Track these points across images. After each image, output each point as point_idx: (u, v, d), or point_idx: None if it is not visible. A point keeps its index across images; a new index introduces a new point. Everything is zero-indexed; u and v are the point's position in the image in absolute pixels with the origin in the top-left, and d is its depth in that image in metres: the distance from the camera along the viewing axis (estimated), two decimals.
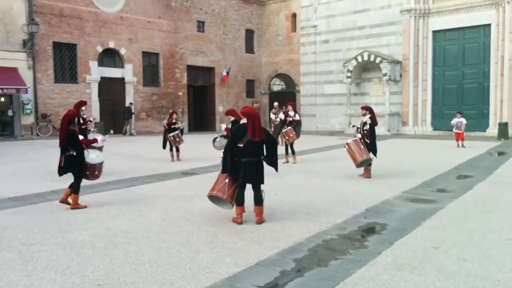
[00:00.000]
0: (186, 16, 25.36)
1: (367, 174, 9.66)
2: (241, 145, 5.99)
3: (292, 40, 28.05)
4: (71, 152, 6.90)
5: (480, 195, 7.81)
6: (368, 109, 9.77)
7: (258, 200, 6.10)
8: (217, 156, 12.12)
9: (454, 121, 16.39)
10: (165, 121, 12.91)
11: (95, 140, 7.70)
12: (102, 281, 4.08)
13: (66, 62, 20.99)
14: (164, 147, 12.91)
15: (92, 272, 4.29)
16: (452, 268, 4.28)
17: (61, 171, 7.06)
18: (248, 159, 5.99)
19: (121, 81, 22.85)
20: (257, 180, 6.12)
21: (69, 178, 7.26)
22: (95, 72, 21.64)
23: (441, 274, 4.15)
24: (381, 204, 7.22)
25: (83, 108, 10.29)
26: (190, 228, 5.82)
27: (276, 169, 6.37)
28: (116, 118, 22.54)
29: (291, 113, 12.72)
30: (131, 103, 23.08)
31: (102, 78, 21.88)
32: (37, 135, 19.54)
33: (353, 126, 10.48)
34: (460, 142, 15.97)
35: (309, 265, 4.54)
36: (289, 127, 12.36)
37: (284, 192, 8.12)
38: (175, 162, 12.53)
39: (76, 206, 6.93)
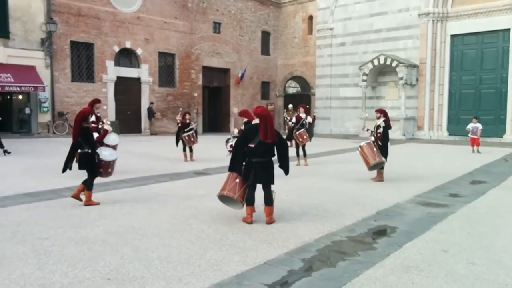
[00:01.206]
0: (203, 17, 25.54)
1: (380, 177, 9.62)
2: (253, 145, 6.03)
3: (308, 42, 28.03)
4: (86, 150, 7.03)
5: (493, 201, 7.73)
6: (382, 112, 9.73)
7: (269, 200, 6.13)
8: (228, 157, 12.27)
9: (470, 126, 16.20)
10: (178, 116, 12.96)
11: (106, 132, 7.81)
12: (112, 275, 4.15)
13: (83, 61, 21.31)
14: (177, 145, 13.02)
15: (102, 266, 4.37)
16: (461, 272, 4.26)
17: (69, 164, 7.17)
18: (258, 160, 6.03)
19: (137, 81, 23.10)
20: (268, 181, 6.16)
21: (82, 174, 7.40)
22: (111, 72, 21.92)
23: (448, 277, 4.13)
24: (392, 207, 7.19)
25: (98, 105, 10.42)
26: (200, 226, 5.88)
27: (287, 173, 6.36)
28: (130, 117, 22.77)
29: (303, 115, 12.77)
30: (152, 103, 23.36)
31: (118, 77, 22.14)
32: (54, 133, 19.86)
33: (367, 129, 10.38)
34: (475, 147, 15.78)
35: (317, 265, 4.56)
36: (303, 129, 12.35)
37: (295, 194, 8.14)
38: (188, 162, 12.62)
39: (89, 202, 7.07)
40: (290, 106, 18.51)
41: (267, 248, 5.02)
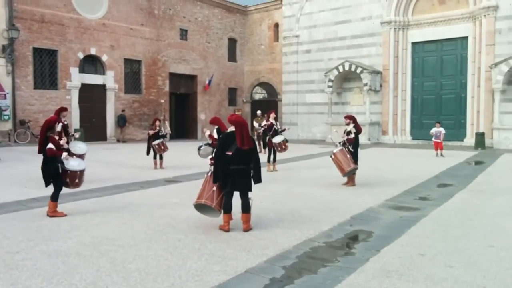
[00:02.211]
0: (169, 24, 25.33)
1: (352, 182, 9.77)
2: (230, 153, 5.99)
3: (275, 49, 28.28)
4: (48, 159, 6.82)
5: (461, 203, 7.98)
6: (351, 118, 9.92)
7: (246, 207, 6.10)
8: (200, 164, 12.12)
9: (433, 130, 16.72)
10: (151, 131, 12.76)
11: (61, 154, 7.03)
12: None
13: (46, 68, 20.68)
14: (148, 153, 12.83)
15: (79, 280, 4.22)
16: (440, 275, 4.36)
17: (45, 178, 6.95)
18: (237, 167, 5.99)
19: (102, 88, 22.61)
20: (246, 188, 6.13)
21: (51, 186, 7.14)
22: (75, 79, 21.37)
23: (428, 280, 4.22)
24: (365, 212, 7.30)
25: (64, 114, 10.09)
26: (177, 235, 5.78)
27: (259, 181, 6.29)
28: (95, 124, 22.24)
29: (273, 121, 12.82)
30: (123, 110, 22.96)
31: (83, 84, 21.61)
32: (15, 141, 19.14)
33: (335, 142, 10.51)
34: (439, 151, 16.28)
35: (298, 272, 4.56)
36: (283, 137, 12.54)
37: (269, 200, 8.15)
38: (158, 169, 12.43)
39: (54, 214, 6.80)
40: (259, 112, 18.58)
41: (247, 256, 4.99)
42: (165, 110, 25.24)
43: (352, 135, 9.70)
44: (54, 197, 6.87)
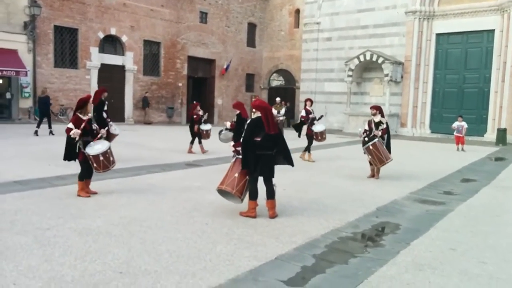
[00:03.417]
0: (189, 6, 25.16)
1: (377, 175, 9.57)
2: (259, 139, 5.94)
3: (294, 36, 27.98)
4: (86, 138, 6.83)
5: (487, 199, 7.86)
6: (378, 108, 9.58)
7: (272, 193, 6.08)
8: (219, 149, 12.15)
9: (456, 124, 16.46)
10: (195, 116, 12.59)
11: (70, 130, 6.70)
12: (124, 269, 4.03)
13: (66, 47, 20.75)
14: (193, 138, 12.60)
15: (112, 260, 4.24)
16: (474, 271, 4.29)
17: (71, 157, 6.96)
18: (265, 152, 5.96)
19: (121, 69, 22.65)
20: (271, 174, 6.11)
21: (73, 163, 7.11)
22: (95, 59, 21.42)
23: (463, 276, 4.16)
24: (390, 204, 7.23)
25: (105, 94, 10.40)
26: (204, 219, 5.78)
27: (292, 164, 6.29)
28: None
29: (311, 109, 12.28)
30: (147, 92, 23.07)
31: (102, 65, 21.66)
32: (35, 119, 19.28)
33: (364, 132, 9.73)
34: (460, 145, 16.06)
35: (328, 261, 4.53)
36: (324, 128, 12.17)
37: (292, 188, 8.09)
38: (195, 154, 12.31)
39: (79, 193, 6.79)
40: (278, 99, 18.42)
41: (276, 243, 4.97)
42: (183, 94, 25.23)
43: (384, 125, 9.38)
44: (81, 176, 6.90)
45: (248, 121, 6.12)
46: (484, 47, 21.27)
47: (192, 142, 12.61)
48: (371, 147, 9.10)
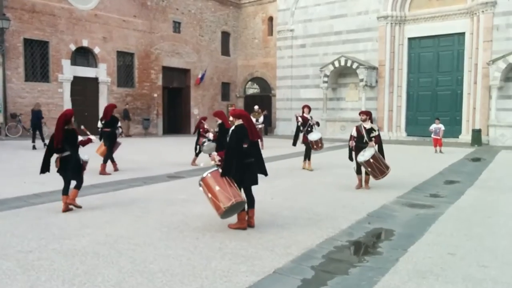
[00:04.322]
0: (162, 16, 24.88)
1: (367, 185, 9.01)
2: (245, 146, 5.81)
3: (269, 43, 28.01)
4: (69, 152, 6.70)
5: (474, 201, 7.88)
6: (368, 114, 8.93)
7: (253, 202, 5.97)
8: (202, 160, 11.89)
9: (433, 127, 16.67)
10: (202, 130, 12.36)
11: (90, 140, 7.33)
12: None
13: (37, 60, 20.11)
14: (196, 150, 12.29)
15: (102, 282, 3.99)
16: (477, 276, 4.22)
17: (45, 169, 6.81)
18: (250, 160, 5.88)
19: (94, 81, 22.11)
20: (256, 182, 6.00)
21: (49, 180, 6.93)
22: (67, 71, 20.84)
23: (467, 281, 4.08)
24: (380, 209, 7.16)
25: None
26: (194, 234, 5.56)
27: (266, 173, 6.17)
28: (88, 119, 21.75)
29: (308, 116, 11.67)
30: (127, 105, 22.69)
31: (75, 77, 21.07)
32: (6, 135, 18.61)
33: (351, 139, 8.99)
34: (438, 147, 16.26)
35: (328, 273, 4.38)
36: (320, 135, 11.66)
37: (280, 197, 7.97)
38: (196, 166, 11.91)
39: (73, 202, 6.79)
40: (256, 107, 18.33)
41: (271, 256, 4.80)
42: (158, 105, 24.85)
43: (376, 132, 8.78)
44: (80, 186, 6.97)
45: (233, 129, 5.96)
46: (455, 50, 21.72)
47: (197, 154, 12.28)
48: (371, 160, 8.44)
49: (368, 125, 8.83)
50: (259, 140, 6.50)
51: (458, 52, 21.53)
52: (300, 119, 11.60)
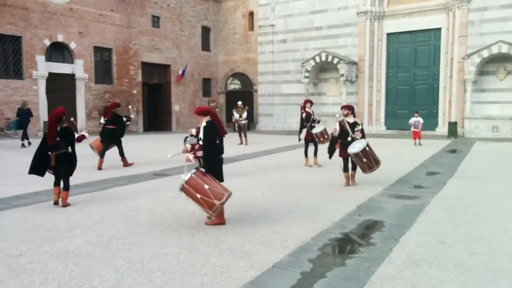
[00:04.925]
0: (140, 10, 24.51)
1: (354, 180, 8.78)
2: (217, 142, 6.01)
3: (250, 39, 27.95)
4: (64, 150, 6.84)
5: (456, 191, 8.08)
6: (351, 108, 8.75)
7: None
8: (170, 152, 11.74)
9: (412, 120, 16.97)
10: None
11: (84, 136, 7.50)
12: None
13: (10, 56, 19.51)
14: None
15: (100, 283, 3.95)
16: (468, 262, 4.35)
17: (46, 169, 6.93)
18: (221, 156, 6.14)
19: (71, 78, 21.59)
20: (222, 178, 6.10)
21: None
22: (42, 68, 20.30)
23: (460, 268, 4.20)
24: (369, 201, 7.28)
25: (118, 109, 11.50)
26: (189, 231, 5.55)
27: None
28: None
29: (310, 111, 11.29)
30: (109, 101, 22.27)
31: (50, 74, 20.54)
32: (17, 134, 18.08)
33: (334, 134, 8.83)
34: (417, 140, 16.57)
35: (326, 265, 4.45)
36: (323, 128, 11.32)
37: (270, 192, 8.01)
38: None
39: (67, 203, 6.92)
40: (240, 103, 18.28)
41: (269, 250, 4.83)
42: (138, 101, 24.53)
43: (360, 126, 8.63)
44: (69, 186, 7.03)
45: (204, 125, 6.03)
46: (432, 45, 22.12)
47: None
48: (367, 148, 8.31)
49: (351, 119, 8.66)
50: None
51: (434, 47, 21.95)
52: (303, 110, 11.25)
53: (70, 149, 6.92)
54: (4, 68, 19.38)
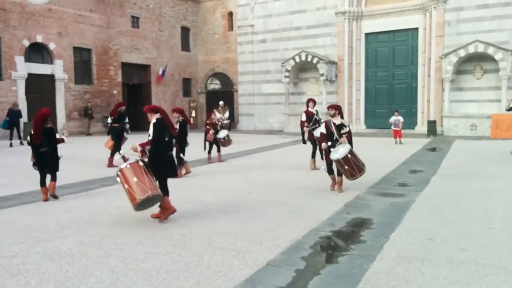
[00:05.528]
0: (120, 11, 24.27)
1: (340, 187, 8.09)
2: (167, 139, 6.18)
3: (229, 39, 27.95)
4: (46, 149, 7.27)
5: (440, 188, 8.28)
6: (338, 108, 8.12)
7: (168, 192, 6.22)
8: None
9: (393, 119, 17.26)
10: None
11: (63, 140, 7.88)
12: None
13: None
14: (205, 148, 12.04)
15: (96, 282, 3.94)
16: (458, 258, 4.47)
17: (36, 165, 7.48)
18: (169, 153, 6.31)
19: (50, 78, 21.27)
20: (176, 174, 6.44)
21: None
22: (21, 68, 19.95)
23: (451, 264, 4.32)
24: (355, 199, 7.39)
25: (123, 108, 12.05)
26: (179, 230, 5.56)
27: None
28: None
29: (313, 110, 10.75)
30: (89, 102, 21.99)
31: (29, 74, 20.21)
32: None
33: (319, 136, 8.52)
34: (398, 139, 16.87)
35: (319, 262, 4.52)
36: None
37: (257, 191, 8.06)
38: (214, 163, 11.87)
39: (54, 193, 7.42)
40: (221, 103, 18.33)
41: (261, 249, 4.88)
42: (118, 102, 24.22)
43: (347, 129, 8.03)
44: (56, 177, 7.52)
45: (154, 122, 6.18)
46: (410, 44, 22.53)
47: (209, 152, 12.08)
48: (349, 155, 7.66)
49: (338, 120, 8.03)
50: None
51: (412, 46, 22.36)
52: (304, 114, 10.79)
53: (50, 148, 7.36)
54: None
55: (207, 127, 11.94)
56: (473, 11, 20.17)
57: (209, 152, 12.07)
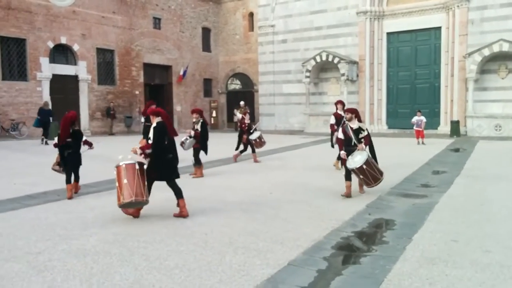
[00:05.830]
0: (142, 12, 24.59)
1: (362, 188, 7.92)
2: (166, 143, 6.23)
3: (250, 39, 28.02)
4: (70, 151, 7.63)
5: (464, 189, 8.14)
6: (354, 112, 7.78)
7: (181, 192, 6.29)
8: (187, 158, 11.85)
9: (415, 119, 17.04)
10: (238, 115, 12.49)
11: (91, 145, 8.30)
12: None
13: (14, 58, 19.62)
14: (237, 148, 12.29)
15: (121, 280, 4.00)
16: (483, 261, 4.39)
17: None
18: (169, 156, 6.31)
19: (74, 79, 21.72)
20: (177, 175, 6.44)
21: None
22: (46, 69, 20.42)
23: (475, 266, 4.25)
24: (377, 200, 7.33)
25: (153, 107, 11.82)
26: (201, 229, 5.60)
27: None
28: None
29: (341, 112, 10.12)
30: (112, 102, 22.42)
31: (54, 75, 20.67)
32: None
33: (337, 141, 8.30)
34: (420, 139, 16.63)
35: (341, 263, 4.50)
36: None
37: (278, 191, 8.06)
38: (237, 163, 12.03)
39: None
40: (242, 103, 18.41)
41: (282, 249, 4.88)
42: (140, 102, 24.59)
43: (366, 133, 7.68)
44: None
45: (154, 126, 6.29)
46: (432, 44, 22.21)
47: (241, 151, 12.23)
48: (364, 166, 7.30)
49: (355, 124, 7.65)
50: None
51: (435, 46, 22.03)
52: (332, 117, 10.57)
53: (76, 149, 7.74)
54: (9, 70, 19.48)
55: (243, 127, 12.11)
56: (497, 9, 19.77)
57: (241, 152, 12.19)
